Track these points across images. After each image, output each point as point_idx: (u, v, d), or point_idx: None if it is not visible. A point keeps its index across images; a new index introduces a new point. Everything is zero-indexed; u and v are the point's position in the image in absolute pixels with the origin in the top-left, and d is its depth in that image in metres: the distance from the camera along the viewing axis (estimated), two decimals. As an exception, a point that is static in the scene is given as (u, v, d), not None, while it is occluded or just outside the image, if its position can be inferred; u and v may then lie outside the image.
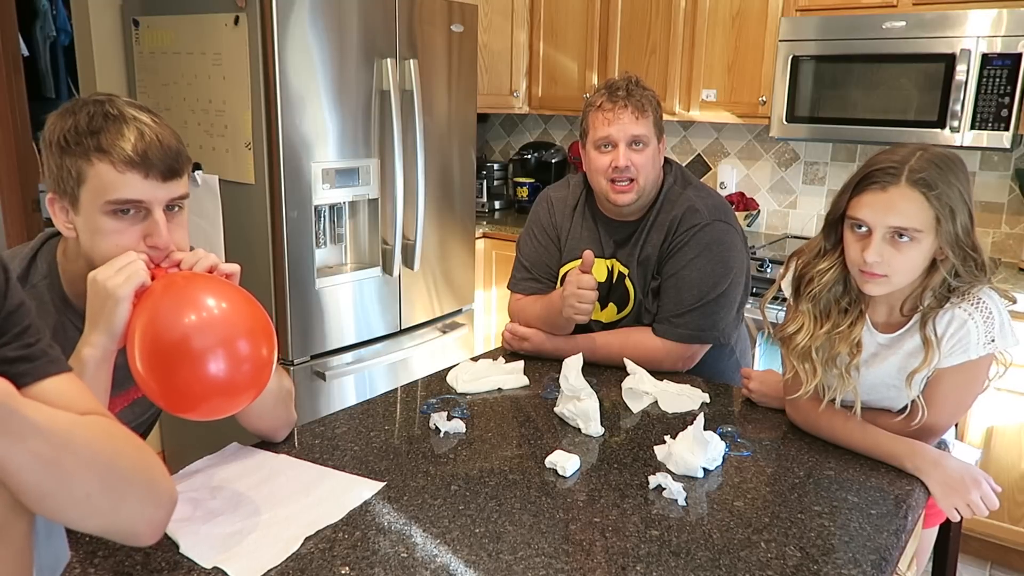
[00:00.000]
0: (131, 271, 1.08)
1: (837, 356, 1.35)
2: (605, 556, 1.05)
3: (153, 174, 1.14)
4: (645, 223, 1.79)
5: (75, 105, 1.16)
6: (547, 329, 1.80)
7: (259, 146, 2.43)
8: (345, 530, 1.09)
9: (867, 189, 1.26)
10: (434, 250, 3.00)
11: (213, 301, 1.05)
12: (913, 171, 1.23)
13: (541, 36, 3.54)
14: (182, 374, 1.01)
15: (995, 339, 1.28)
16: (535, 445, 1.39)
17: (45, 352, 0.87)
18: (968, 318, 1.28)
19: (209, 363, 1.01)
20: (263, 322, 1.09)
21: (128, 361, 1.05)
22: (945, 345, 1.30)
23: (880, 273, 1.27)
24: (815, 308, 1.38)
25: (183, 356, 1.01)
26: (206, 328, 1.02)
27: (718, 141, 3.48)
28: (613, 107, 1.71)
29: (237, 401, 1.08)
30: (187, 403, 1.05)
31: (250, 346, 1.05)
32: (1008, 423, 2.44)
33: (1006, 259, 2.86)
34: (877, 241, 1.25)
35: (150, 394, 1.05)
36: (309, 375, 2.62)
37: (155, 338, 1.02)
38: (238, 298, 1.09)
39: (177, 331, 1.01)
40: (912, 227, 1.23)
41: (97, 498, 0.83)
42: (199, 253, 1.16)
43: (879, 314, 1.38)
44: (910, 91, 2.60)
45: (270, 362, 1.09)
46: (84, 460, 0.80)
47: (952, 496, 1.26)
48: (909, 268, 1.27)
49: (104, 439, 0.84)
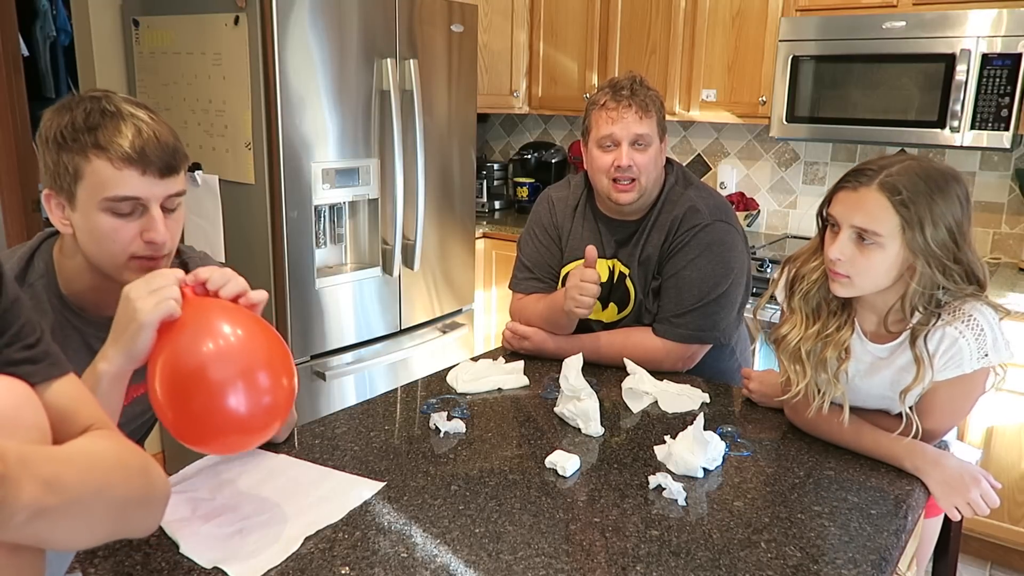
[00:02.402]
0: (162, 297, 1.03)
1: (827, 359, 1.35)
2: (605, 556, 1.05)
3: (150, 171, 1.14)
4: (646, 223, 1.79)
5: (72, 101, 1.16)
6: (549, 328, 1.80)
7: (259, 146, 2.43)
8: (345, 530, 1.09)
9: (843, 187, 1.28)
10: (434, 250, 3.00)
11: (237, 342, 1.03)
12: (888, 176, 1.23)
13: (541, 36, 3.54)
14: (200, 407, 1.00)
15: (988, 354, 1.27)
16: (535, 445, 1.39)
17: (47, 354, 0.87)
18: (959, 336, 1.26)
19: (229, 400, 1.00)
20: (288, 368, 1.07)
21: (147, 385, 1.04)
22: (938, 363, 1.29)
23: (842, 272, 1.27)
24: (806, 307, 1.38)
25: (203, 394, 1.00)
26: (226, 369, 1.00)
27: (718, 141, 3.48)
28: (617, 106, 1.70)
29: (250, 440, 1.06)
30: (202, 436, 1.04)
31: (271, 401, 1.03)
32: (1008, 423, 2.44)
33: (1006, 259, 2.86)
34: (842, 239, 1.26)
35: (166, 423, 1.03)
36: (309, 375, 2.62)
37: (174, 374, 1.01)
38: (266, 339, 1.06)
39: (199, 375, 1.00)
40: (872, 230, 1.22)
41: (102, 533, 0.83)
42: (228, 274, 1.11)
43: (868, 322, 1.37)
44: (910, 91, 2.60)
45: (288, 406, 1.07)
46: (93, 515, 0.78)
47: (952, 495, 1.26)
48: (873, 273, 1.26)
49: (115, 478, 0.82)
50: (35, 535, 0.72)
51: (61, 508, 0.71)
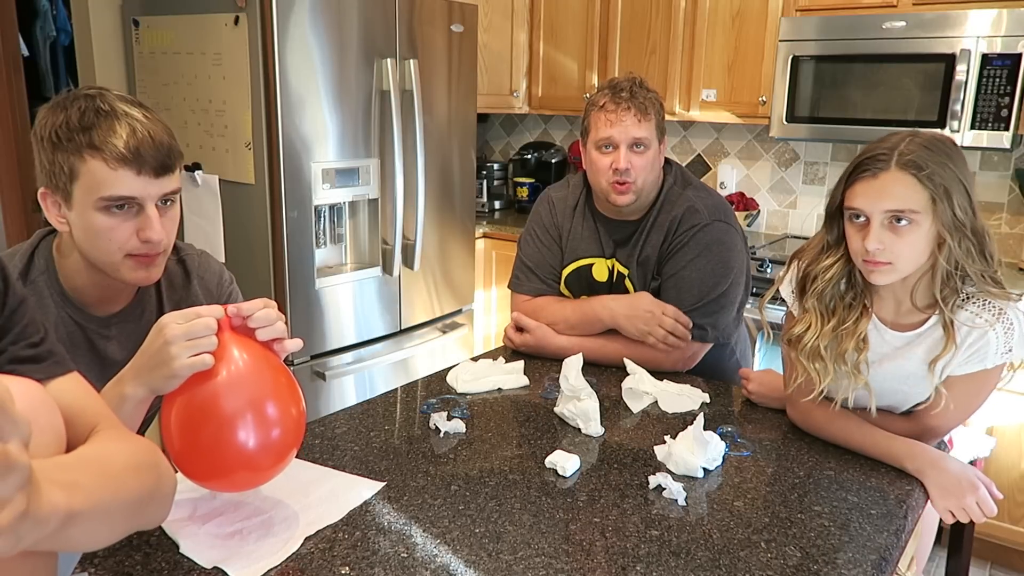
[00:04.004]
0: (200, 348, 1.01)
1: (845, 352, 1.34)
2: (605, 556, 1.05)
3: (145, 170, 1.14)
4: (645, 223, 1.79)
5: (66, 99, 1.16)
6: (575, 333, 1.80)
7: (259, 146, 2.43)
8: (345, 530, 1.09)
9: (859, 178, 1.26)
10: (434, 250, 3.00)
11: (264, 405, 1.03)
12: (902, 154, 1.23)
13: (541, 36, 3.54)
14: (212, 457, 1.02)
15: (1013, 349, 1.28)
16: (535, 445, 1.39)
17: (52, 352, 0.87)
18: (990, 328, 1.27)
19: (240, 456, 1.02)
20: (299, 434, 1.09)
21: (162, 419, 1.04)
22: (963, 352, 1.29)
23: (884, 260, 1.25)
24: (820, 305, 1.37)
25: (217, 453, 1.01)
26: (248, 436, 1.01)
27: (718, 141, 3.48)
28: (616, 108, 1.70)
29: (253, 480, 1.08)
30: (212, 473, 1.05)
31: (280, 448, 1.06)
32: (1008, 423, 2.44)
33: (1006, 259, 2.86)
34: (876, 228, 1.24)
35: (174, 455, 1.03)
36: (309, 375, 2.62)
37: (193, 429, 1.02)
38: (290, 400, 1.07)
39: (217, 436, 1.01)
40: (908, 208, 1.22)
41: (119, 532, 0.84)
42: (272, 316, 1.08)
43: (886, 310, 1.36)
44: (910, 91, 2.60)
45: (293, 449, 1.09)
46: (112, 516, 0.78)
47: (947, 498, 1.26)
48: (913, 254, 1.25)
49: (128, 480, 0.82)
50: (67, 540, 0.72)
51: (87, 513, 0.71)
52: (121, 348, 1.28)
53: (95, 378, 1.01)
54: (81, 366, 0.94)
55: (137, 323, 1.30)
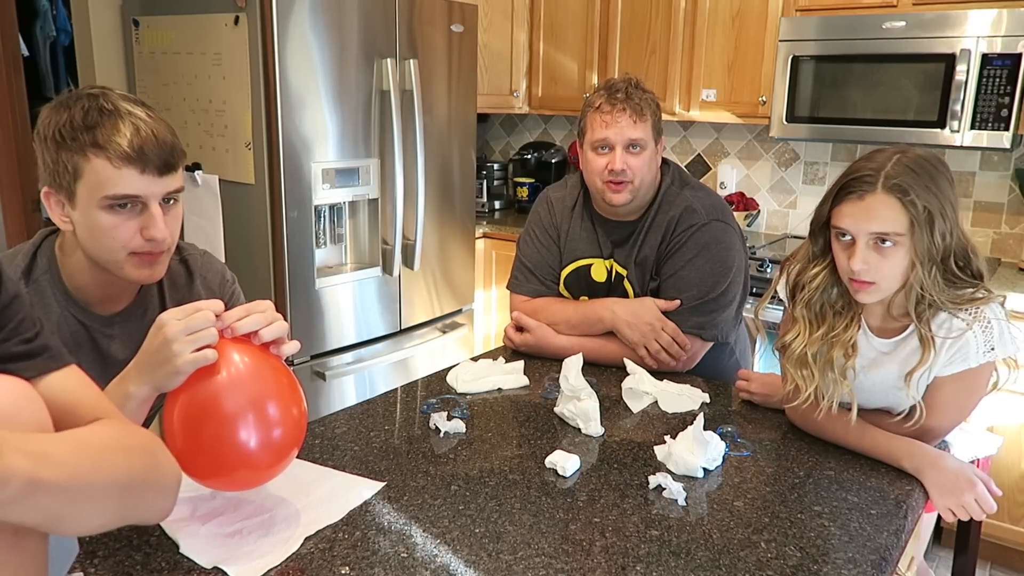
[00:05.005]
0: (201, 342, 1.01)
1: (834, 359, 1.35)
2: (605, 556, 1.05)
3: (149, 169, 1.15)
4: (643, 224, 1.79)
5: (69, 99, 1.16)
6: (576, 333, 1.79)
7: (259, 146, 2.43)
8: (345, 530, 1.09)
9: (846, 199, 1.28)
10: (434, 250, 3.00)
11: (265, 405, 1.04)
12: (888, 177, 1.24)
13: (541, 36, 3.54)
14: (213, 455, 1.03)
15: (994, 347, 1.29)
16: (535, 445, 1.39)
17: (47, 347, 0.87)
18: (966, 328, 1.28)
19: (241, 455, 1.02)
20: (299, 437, 1.10)
21: (164, 418, 1.05)
22: (944, 354, 1.30)
23: (868, 280, 1.28)
24: (810, 313, 1.39)
25: (217, 450, 1.02)
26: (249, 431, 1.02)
27: (718, 141, 3.48)
28: (611, 109, 1.70)
29: (254, 479, 1.08)
30: (213, 472, 1.05)
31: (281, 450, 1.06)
32: (1008, 423, 2.44)
33: (1006, 259, 2.86)
34: (861, 249, 1.26)
35: (176, 454, 1.03)
36: (309, 375, 2.62)
37: (197, 424, 1.02)
38: (291, 399, 1.08)
39: (218, 436, 1.02)
40: (893, 231, 1.24)
41: (112, 515, 0.83)
42: (274, 318, 1.09)
43: (874, 317, 1.39)
44: (910, 91, 2.60)
45: (294, 449, 1.09)
46: (97, 492, 0.78)
47: (946, 496, 1.27)
48: (896, 273, 1.28)
49: (113, 458, 0.81)
50: (43, 514, 0.72)
51: (61, 484, 0.71)
52: (124, 347, 1.28)
53: (98, 377, 1.01)
54: (84, 365, 0.94)
55: (140, 322, 1.30)
